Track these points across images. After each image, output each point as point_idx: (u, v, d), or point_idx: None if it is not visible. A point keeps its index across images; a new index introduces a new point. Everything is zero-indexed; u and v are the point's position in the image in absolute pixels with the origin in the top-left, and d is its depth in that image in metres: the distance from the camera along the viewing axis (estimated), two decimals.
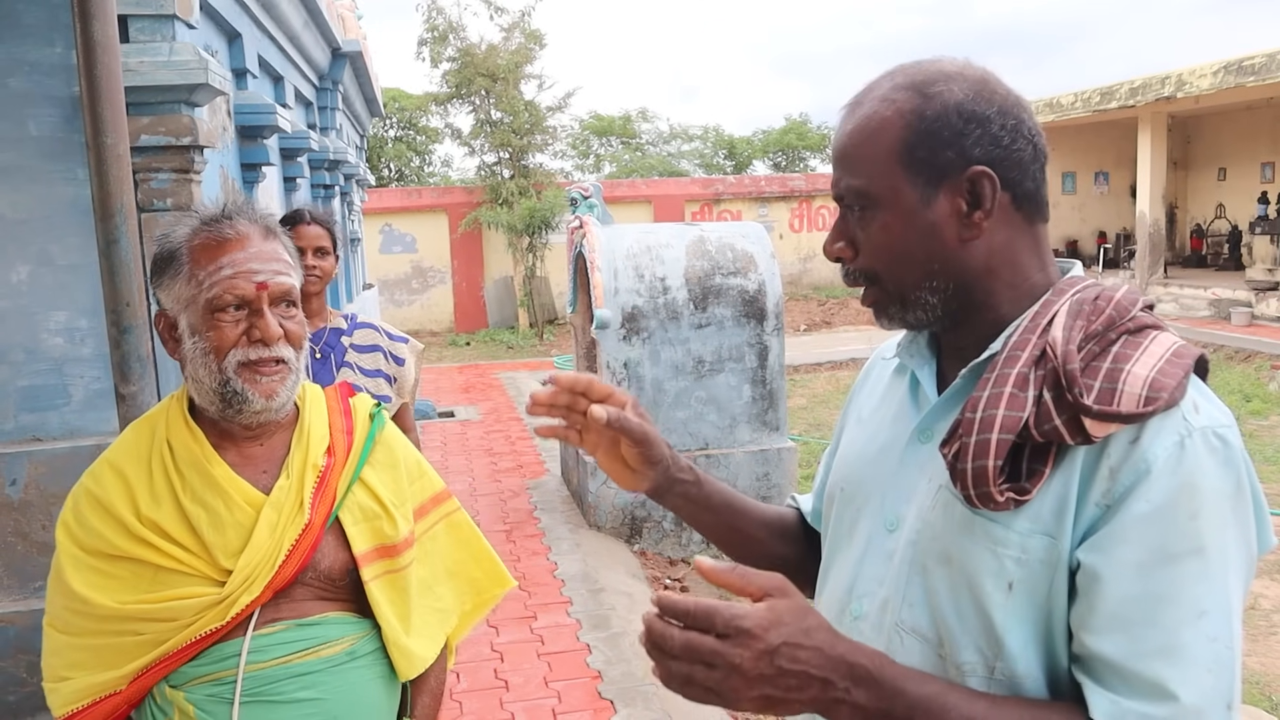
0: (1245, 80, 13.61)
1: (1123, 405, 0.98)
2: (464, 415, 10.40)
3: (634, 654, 4.46)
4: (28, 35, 3.44)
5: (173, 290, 1.53)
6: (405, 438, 1.80)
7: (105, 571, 1.49)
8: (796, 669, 0.94)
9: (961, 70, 1.11)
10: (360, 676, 1.59)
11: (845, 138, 1.15)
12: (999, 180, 1.09)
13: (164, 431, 1.56)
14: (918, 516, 1.14)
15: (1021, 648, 1.04)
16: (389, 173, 26.16)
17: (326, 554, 1.57)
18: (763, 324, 6.45)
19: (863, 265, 1.15)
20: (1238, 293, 15.25)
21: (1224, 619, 0.96)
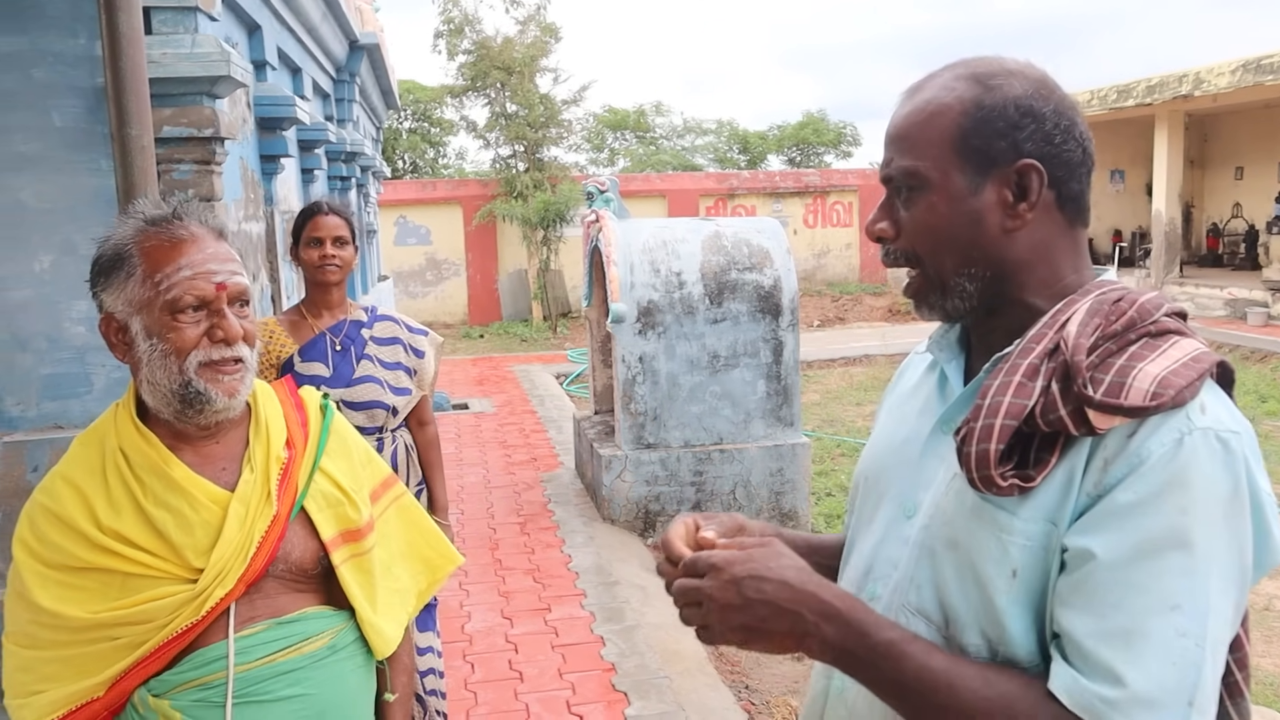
0: (1264, 79, 13.52)
1: (1128, 399, 0.99)
2: (478, 408, 10.44)
3: (647, 647, 4.48)
4: (51, 26, 3.46)
5: (124, 293, 1.52)
6: (353, 426, 1.83)
7: (72, 584, 1.48)
8: (763, 599, 1.05)
9: (1023, 69, 1.15)
10: (343, 668, 1.62)
11: (903, 120, 1.17)
12: (1047, 176, 1.11)
13: (115, 440, 1.55)
14: (933, 503, 1.17)
15: (1023, 633, 1.06)
16: (403, 164, 26.22)
17: (296, 544, 1.59)
18: (778, 319, 6.45)
19: (904, 246, 1.18)
20: (1254, 292, 15.17)
21: (1198, 617, 0.96)
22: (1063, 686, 0.98)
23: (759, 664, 4.61)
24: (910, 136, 1.16)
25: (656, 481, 6.29)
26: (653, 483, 6.29)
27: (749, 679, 4.45)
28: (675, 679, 4.18)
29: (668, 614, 4.99)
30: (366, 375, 3.12)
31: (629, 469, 6.28)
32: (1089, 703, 0.96)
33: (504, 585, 5.29)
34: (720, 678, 4.34)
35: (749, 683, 4.41)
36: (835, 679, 1.26)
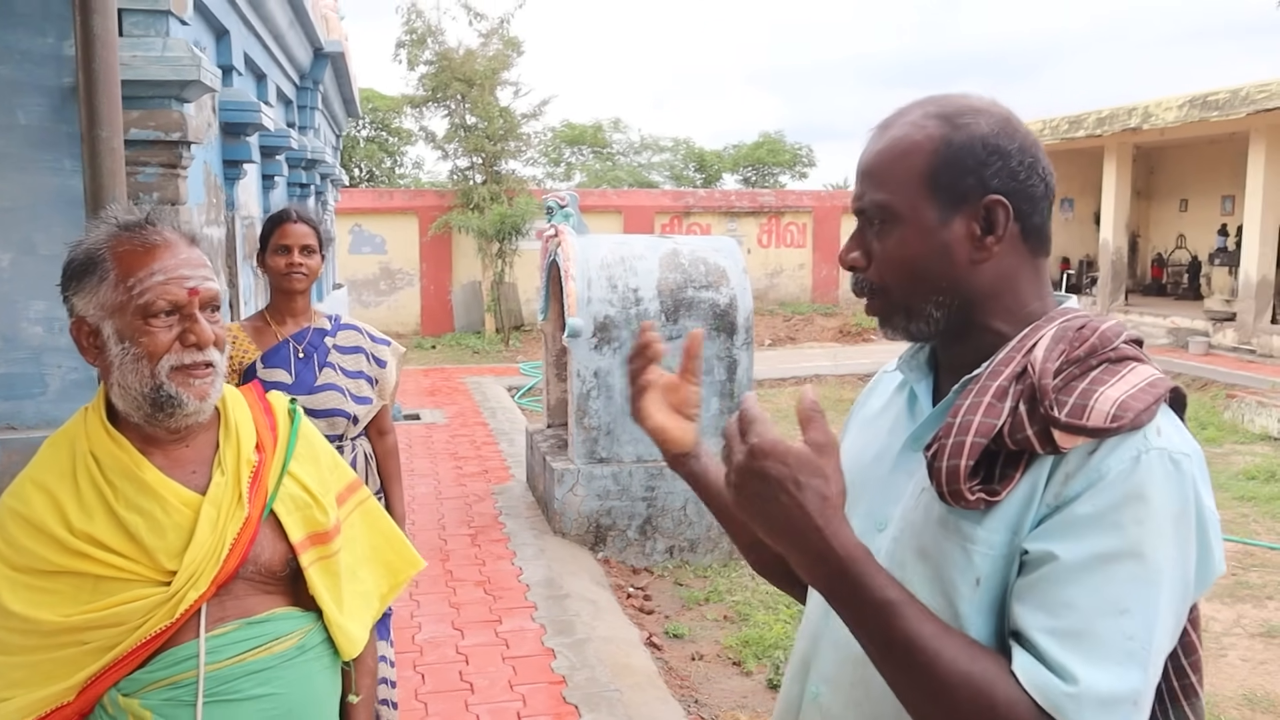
0: (1209, 115, 13.92)
1: (1090, 420, 1.06)
2: (429, 418, 10.40)
3: (598, 660, 4.51)
4: (20, 24, 3.44)
5: (96, 297, 1.53)
6: (319, 431, 1.85)
7: (43, 588, 1.48)
8: (776, 509, 1.06)
9: (988, 107, 1.21)
10: (310, 669, 1.64)
11: (874, 155, 1.23)
12: (1012, 210, 1.17)
13: (85, 444, 1.56)
14: (902, 516, 1.22)
15: (985, 639, 1.11)
16: (359, 173, 26.07)
17: (265, 546, 1.60)
18: (733, 338, 6.53)
19: (874, 276, 1.23)
20: (1196, 322, 15.56)
21: (1146, 623, 1.02)
22: (1022, 668, 1.03)
23: (708, 679, 4.66)
24: (882, 172, 1.21)
25: (608, 496, 6.33)
26: (604, 497, 6.32)
27: (698, 694, 4.49)
28: (626, 693, 4.22)
29: (618, 628, 5.03)
30: (329, 383, 3.13)
31: (581, 483, 6.31)
32: (1045, 690, 1.01)
33: (455, 596, 5.29)
34: (670, 692, 4.38)
35: (699, 697, 4.45)
36: (810, 685, 1.29)
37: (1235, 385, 11.96)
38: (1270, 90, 12.81)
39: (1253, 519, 7.58)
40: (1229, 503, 7.95)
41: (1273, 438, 10.14)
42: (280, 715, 1.58)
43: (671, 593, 5.78)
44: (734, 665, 4.82)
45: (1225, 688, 4.82)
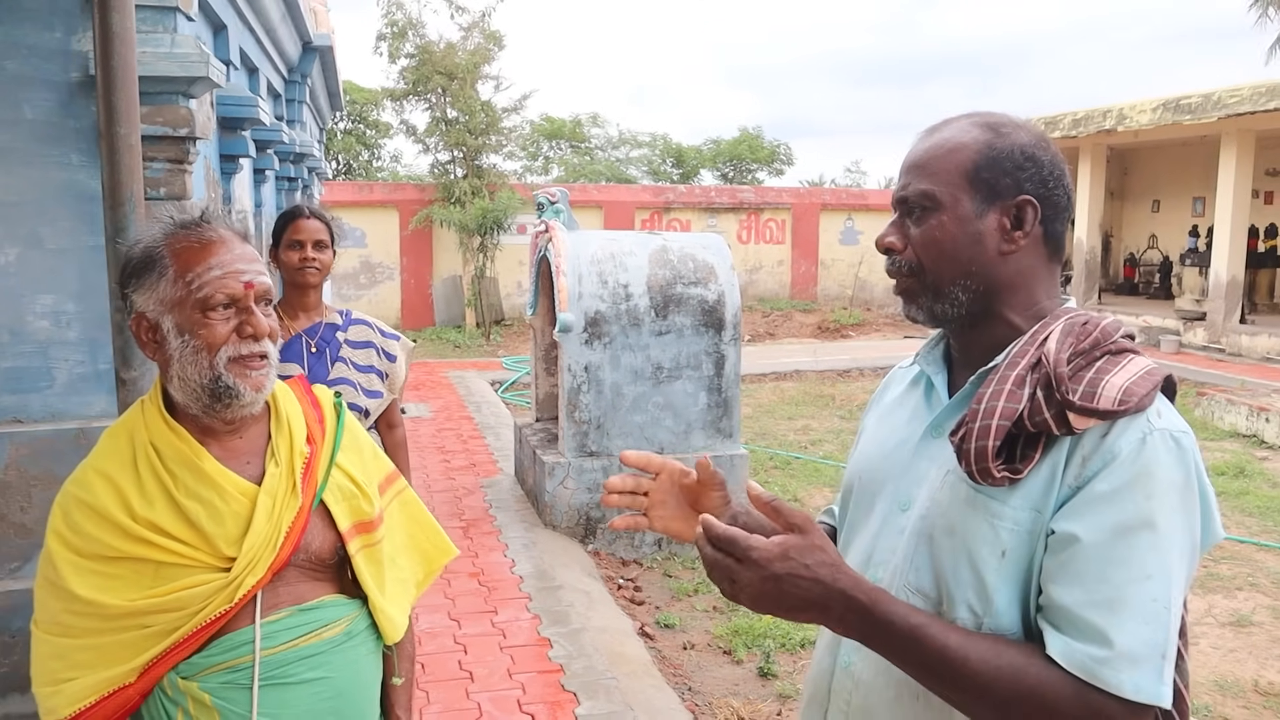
0: (1182, 118, 14.16)
1: (1100, 404, 1.19)
2: (414, 412, 10.43)
3: (594, 649, 4.59)
4: (27, 19, 3.47)
5: (155, 293, 1.59)
6: (359, 423, 1.93)
7: (107, 573, 1.54)
8: (798, 593, 1.19)
9: (1028, 125, 1.36)
10: (357, 653, 1.72)
11: (924, 151, 1.37)
12: (1040, 213, 1.32)
13: (145, 435, 1.62)
14: (928, 497, 1.35)
15: (1007, 605, 1.24)
16: (337, 165, 25.97)
17: (316, 535, 1.68)
18: (721, 333, 6.62)
19: (910, 257, 1.37)
20: (1167, 321, 15.83)
21: (1165, 585, 1.16)
22: (1059, 652, 1.16)
23: (700, 668, 4.75)
24: (929, 165, 1.35)
25: (599, 489, 6.40)
26: (595, 490, 6.40)
27: (691, 681, 4.58)
28: (622, 680, 4.30)
29: (611, 618, 5.10)
30: (340, 377, 3.19)
31: (572, 476, 6.38)
32: (1082, 662, 1.14)
33: (449, 589, 5.35)
34: (665, 680, 4.47)
35: (691, 685, 4.54)
36: (842, 655, 1.41)
37: (1205, 383, 12.19)
38: (1241, 94, 13.06)
39: (1222, 513, 7.73)
40: None
41: (1241, 434, 10.34)
42: (331, 698, 1.66)
43: (661, 584, 5.87)
44: (725, 654, 4.91)
45: (1197, 674, 4.95)
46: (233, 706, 1.57)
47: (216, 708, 1.57)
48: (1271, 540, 7.09)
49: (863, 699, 1.37)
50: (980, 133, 1.34)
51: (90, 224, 3.52)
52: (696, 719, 4.16)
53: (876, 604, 1.20)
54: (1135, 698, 1.13)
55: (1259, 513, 7.71)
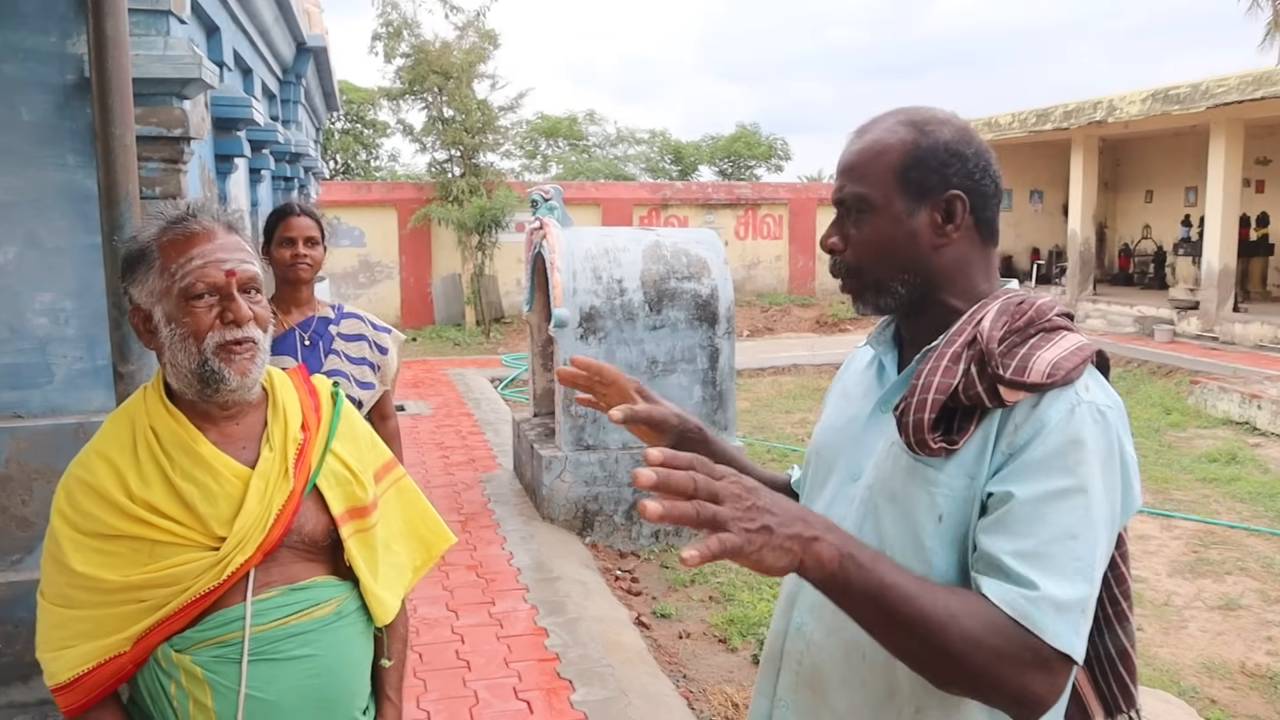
0: (1171, 108, 14.21)
1: (1030, 377, 1.27)
2: (414, 409, 10.51)
3: (589, 638, 4.66)
4: (24, 22, 3.53)
5: (146, 285, 1.67)
6: (358, 412, 1.99)
7: (105, 550, 1.62)
8: (777, 508, 1.13)
9: (950, 118, 1.43)
10: (347, 633, 1.78)
11: (854, 154, 1.44)
12: (969, 204, 1.39)
13: (145, 419, 1.69)
14: (874, 467, 1.42)
15: (946, 568, 1.31)
16: (335, 165, 26.03)
17: (309, 518, 1.74)
18: (714, 327, 6.69)
19: (850, 257, 1.44)
20: (1161, 310, 15.89)
21: (1089, 546, 1.23)
22: (994, 592, 1.21)
23: (695, 656, 4.82)
24: (860, 168, 1.42)
25: (595, 482, 6.47)
26: (591, 483, 6.47)
27: (686, 669, 4.65)
28: (617, 668, 4.37)
29: (607, 609, 5.17)
30: (334, 369, 3.26)
31: (569, 469, 6.45)
32: (1014, 601, 1.20)
33: (448, 580, 5.42)
34: (660, 667, 4.54)
35: (686, 672, 4.61)
36: (795, 616, 1.47)
37: (1199, 371, 12.25)
38: (1228, 84, 13.12)
39: (1213, 499, 7.82)
40: (1192, 484, 8.20)
41: (1233, 422, 10.41)
42: (319, 675, 1.72)
43: (658, 575, 5.93)
44: (720, 642, 4.98)
45: (1185, 657, 5.03)
46: (223, 680, 1.64)
47: (207, 680, 1.63)
48: (1262, 525, 7.16)
49: (813, 659, 1.44)
50: (906, 132, 1.40)
51: (87, 223, 3.58)
52: (691, 705, 4.23)
53: (841, 529, 1.20)
54: (1054, 643, 1.18)
55: (1249, 498, 7.78)
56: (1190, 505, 7.68)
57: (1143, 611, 5.67)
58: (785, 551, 1.12)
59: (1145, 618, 5.57)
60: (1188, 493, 7.99)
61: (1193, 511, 7.51)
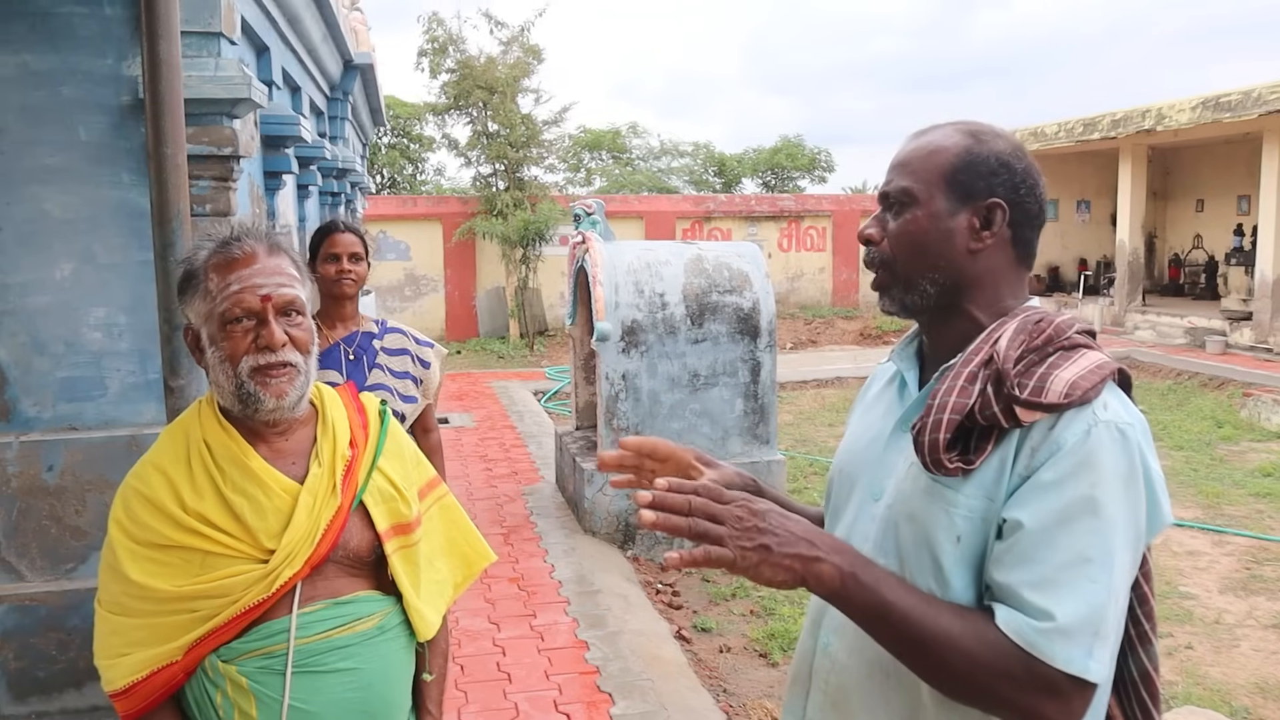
0: (1221, 116, 13.98)
1: (1047, 398, 1.27)
2: (458, 422, 10.59)
3: (630, 651, 4.67)
4: (81, 46, 3.64)
5: (194, 306, 1.74)
6: (404, 431, 2.03)
7: (159, 560, 1.67)
8: (784, 528, 1.23)
9: (1007, 135, 1.45)
10: (389, 647, 1.81)
11: (909, 151, 1.47)
12: (1009, 216, 1.41)
13: (199, 433, 1.75)
14: (895, 487, 1.43)
15: (963, 588, 1.31)
16: (382, 179, 26.35)
17: (354, 533, 1.78)
18: (756, 341, 6.68)
19: (885, 249, 1.46)
20: (1213, 321, 15.61)
21: (1105, 568, 1.22)
22: (1003, 620, 1.23)
23: (735, 670, 4.81)
24: (911, 164, 1.45)
25: None
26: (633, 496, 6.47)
27: (727, 683, 4.65)
28: (657, 682, 4.37)
29: (648, 622, 5.18)
30: (378, 383, 3.31)
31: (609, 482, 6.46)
32: (1022, 630, 1.21)
33: (489, 592, 5.46)
34: (700, 681, 4.54)
35: (727, 686, 4.61)
36: (822, 636, 1.49)
37: (1252, 384, 12.02)
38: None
39: (1268, 515, 7.66)
40: (1245, 499, 8.04)
41: None
42: (360, 688, 1.76)
43: (699, 589, 5.93)
44: (760, 657, 4.97)
45: (1237, 676, 4.93)
46: (267, 690, 1.68)
47: (252, 690, 1.68)
48: None
49: (839, 678, 1.45)
50: (961, 138, 1.43)
51: (140, 240, 3.68)
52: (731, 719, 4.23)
53: (852, 548, 1.29)
54: (1066, 669, 1.19)
55: None
56: (1243, 521, 7.53)
57: (1193, 630, 5.58)
58: (785, 569, 1.23)
59: (1195, 636, 5.48)
60: (1240, 508, 7.84)
61: (1245, 527, 7.37)
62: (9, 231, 3.66)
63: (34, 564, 3.77)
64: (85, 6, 3.62)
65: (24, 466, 3.72)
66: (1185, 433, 10.40)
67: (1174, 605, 5.92)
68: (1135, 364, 14.39)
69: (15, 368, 3.72)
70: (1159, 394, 12.53)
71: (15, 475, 3.71)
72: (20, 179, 3.64)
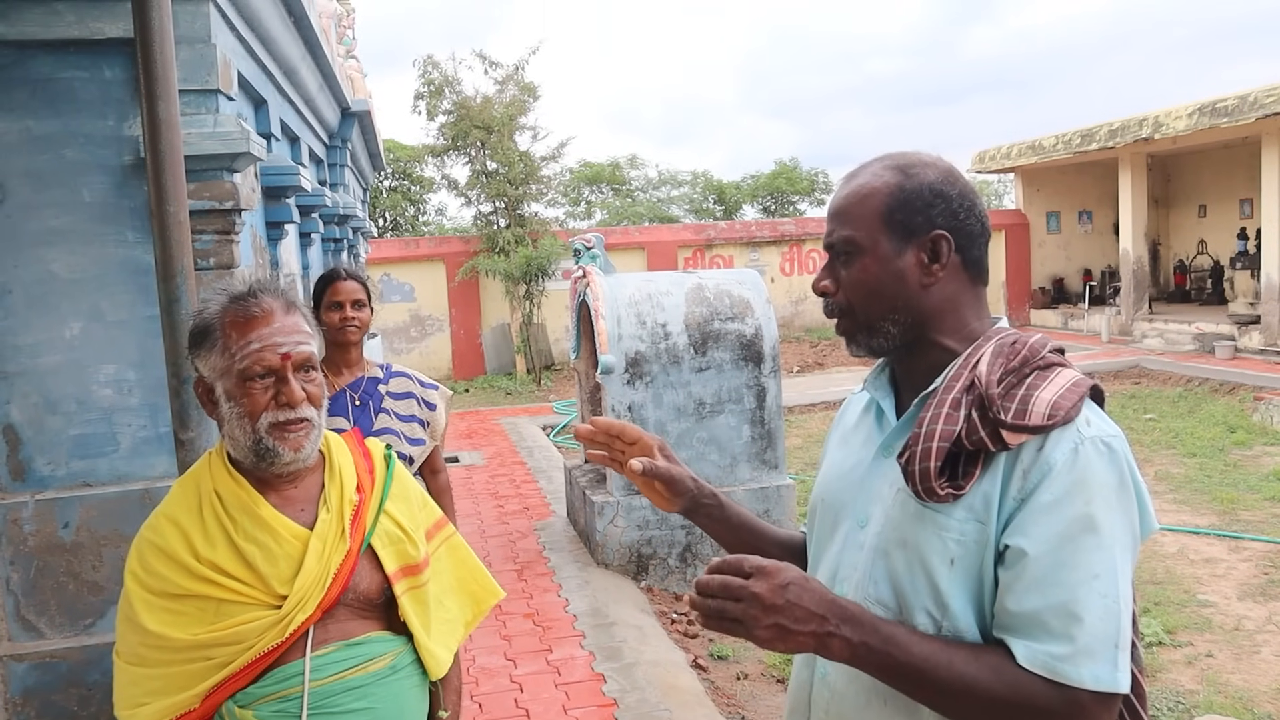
0: (1219, 121, 14.04)
1: (1030, 420, 1.29)
2: (468, 460, 10.62)
3: (647, 683, 4.67)
4: (82, 110, 3.71)
5: (209, 361, 1.77)
6: (409, 474, 2.07)
7: (174, 610, 1.71)
8: (801, 604, 1.26)
9: (935, 161, 1.47)
10: (401, 686, 1.85)
11: (842, 199, 1.49)
12: (954, 244, 1.43)
13: (210, 483, 1.79)
14: (883, 513, 1.45)
15: (962, 609, 1.34)
16: (384, 222, 26.52)
17: (364, 576, 1.82)
18: (760, 366, 6.72)
19: (841, 299, 1.49)
20: (1221, 326, 15.60)
21: (1112, 581, 1.25)
22: (1023, 656, 1.26)
23: (754, 697, 4.81)
24: (848, 212, 1.47)
25: (648, 526, 6.51)
26: (644, 527, 6.51)
27: (745, 710, 4.65)
28: (675, 711, 4.38)
29: (664, 652, 5.19)
30: (384, 428, 3.35)
31: (621, 514, 6.49)
32: (1045, 662, 1.24)
33: (505, 629, 5.48)
34: (718, 709, 4.54)
35: (745, 714, 4.61)
36: (819, 666, 1.51)
37: (1263, 387, 12.00)
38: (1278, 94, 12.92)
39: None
40: (1260, 504, 8.02)
41: None
42: None
43: None
44: (778, 683, 4.97)
45: (1259, 683, 4.91)
46: None
47: None
48: None
49: (839, 707, 1.47)
50: (891, 176, 1.44)
51: (146, 296, 3.73)
52: None
53: (864, 613, 1.31)
54: (1095, 688, 1.22)
55: None
56: (1259, 526, 7.51)
57: (1213, 637, 5.56)
58: (798, 645, 1.28)
59: (1215, 644, 5.46)
60: (1256, 513, 7.82)
61: (1262, 532, 7.35)
62: (18, 294, 3.72)
63: (53, 621, 3.80)
64: (85, 70, 3.69)
65: (40, 525, 3.76)
66: (1198, 439, 10.37)
67: (1193, 613, 5.90)
68: (1145, 372, 14.38)
69: (29, 427, 3.77)
70: (1169, 401, 12.51)
71: (32, 534, 3.75)
72: (27, 241, 3.70)
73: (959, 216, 1.43)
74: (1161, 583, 6.44)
